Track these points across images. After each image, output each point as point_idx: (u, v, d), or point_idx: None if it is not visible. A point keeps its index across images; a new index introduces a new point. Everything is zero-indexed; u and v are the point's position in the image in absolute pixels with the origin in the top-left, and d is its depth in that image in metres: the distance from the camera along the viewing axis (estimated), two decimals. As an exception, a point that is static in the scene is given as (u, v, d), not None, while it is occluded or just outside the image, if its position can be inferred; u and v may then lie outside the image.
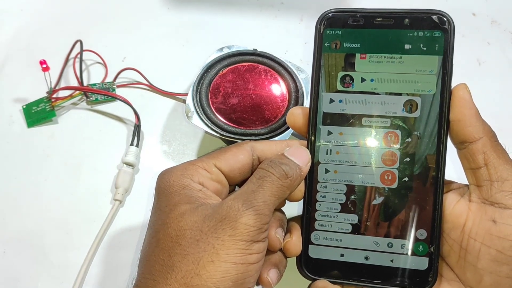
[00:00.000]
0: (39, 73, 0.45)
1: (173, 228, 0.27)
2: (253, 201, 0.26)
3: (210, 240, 0.25)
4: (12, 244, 0.41)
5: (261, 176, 0.28)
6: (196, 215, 0.26)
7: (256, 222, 0.26)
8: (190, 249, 0.26)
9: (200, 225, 0.26)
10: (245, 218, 0.26)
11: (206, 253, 0.25)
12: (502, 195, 0.27)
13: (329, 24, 0.30)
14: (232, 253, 0.25)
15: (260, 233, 0.26)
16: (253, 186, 0.28)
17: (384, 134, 0.30)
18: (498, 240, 0.26)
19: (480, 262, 0.27)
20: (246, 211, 0.26)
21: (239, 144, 0.31)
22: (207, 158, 0.30)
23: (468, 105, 0.28)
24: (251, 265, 0.26)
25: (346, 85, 0.30)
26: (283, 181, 0.28)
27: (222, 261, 0.25)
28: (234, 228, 0.25)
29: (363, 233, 0.30)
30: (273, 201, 0.27)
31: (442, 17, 0.29)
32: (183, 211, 0.27)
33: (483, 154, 0.27)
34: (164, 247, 0.26)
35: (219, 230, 0.26)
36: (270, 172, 0.28)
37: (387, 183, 0.30)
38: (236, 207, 0.26)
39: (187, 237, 0.26)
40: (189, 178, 0.28)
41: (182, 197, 0.28)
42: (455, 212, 0.29)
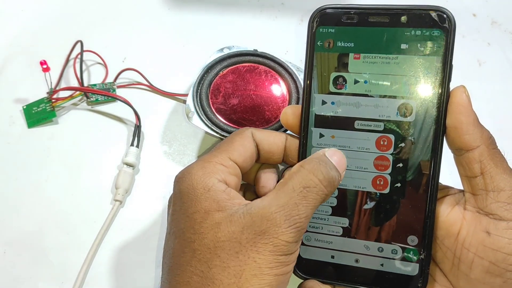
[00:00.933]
0: (39, 74, 0.45)
1: (210, 239, 0.26)
2: (295, 217, 0.26)
3: (250, 253, 0.25)
4: (13, 245, 0.41)
5: (306, 185, 0.26)
6: (233, 225, 0.26)
7: (296, 238, 0.26)
8: (230, 262, 0.25)
9: (238, 236, 0.26)
10: (287, 236, 0.25)
11: (248, 266, 0.25)
12: (497, 206, 0.26)
13: (322, 22, 0.29)
14: (274, 266, 0.25)
15: (296, 245, 0.27)
16: (297, 197, 0.26)
17: (377, 138, 0.29)
18: (492, 252, 0.26)
19: (473, 273, 0.27)
20: (288, 229, 0.25)
21: (240, 132, 0.31)
22: (219, 152, 0.29)
23: (465, 112, 0.27)
24: (288, 274, 0.27)
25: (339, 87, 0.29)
26: (328, 190, 0.27)
27: (265, 274, 0.25)
28: (275, 245, 0.25)
29: (353, 236, 0.30)
30: (313, 212, 0.27)
31: (442, 14, 0.27)
32: (218, 220, 0.26)
33: (480, 163, 0.27)
34: (202, 258, 0.26)
35: (259, 244, 0.25)
36: (319, 179, 0.27)
37: (379, 188, 0.29)
38: (278, 222, 0.25)
39: (226, 249, 0.26)
40: (212, 177, 0.28)
41: (210, 203, 0.27)
42: (449, 220, 0.28)
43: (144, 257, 0.40)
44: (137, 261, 0.40)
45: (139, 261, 0.40)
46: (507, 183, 0.26)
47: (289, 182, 0.27)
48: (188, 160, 0.44)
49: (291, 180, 0.27)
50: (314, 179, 0.27)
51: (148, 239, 0.41)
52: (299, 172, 0.27)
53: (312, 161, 0.28)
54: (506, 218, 0.26)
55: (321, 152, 0.28)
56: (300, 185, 0.26)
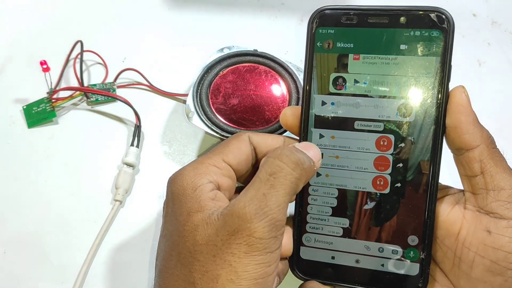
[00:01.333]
0: (39, 74, 0.45)
1: (190, 243, 0.26)
2: (265, 209, 0.24)
3: (225, 256, 0.24)
4: (13, 245, 0.41)
5: (272, 171, 0.25)
6: (209, 227, 0.25)
7: (271, 233, 0.25)
8: (208, 266, 0.25)
9: (213, 239, 0.25)
10: (260, 232, 0.24)
11: (224, 270, 0.24)
12: (498, 205, 0.26)
13: (322, 22, 0.29)
14: (251, 269, 0.24)
15: (276, 242, 0.25)
16: (264, 186, 0.25)
17: (377, 138, 0.29)
18: (492, 250, 0.26)
19: (474, 272, 0.27)
20: (260, 223, 0.24)
21: (237, 135, 0.30)
22: (213, 154, 0.29)
23: (465, 111, 0.27)
24: (270, 276, 0.25)
25: (339, 87, 0.29)
26: (297, 172, 0.26)
27: (242, 279, 0.24)
28: (249, 244, 0.24)
29: (354, 237, 0.30)
30: (287, 201, 0.26)
31: (441, 15, 0.27)
32: (196, 222, 0.26)
33: (480, 162, 0.27)
34: (184, 262, 0.26)
35: (233, 245, 0.24)
36: (284, 163, 0.26)
37: (379, 188, 0.29)
38: (248, 217, 0.24)
39: (204, 252, 0.25)
40: (203, 178, 0.27)
41: (193, 203, 0.26)
42: (449, 219, 0.28)
43: (144, 257, 0.40)
44: (137, 261, 0.40)
45: (139, 261, 0.40)
46: (507, 182, 0.26)
47: (257, 175, 0.26)
48: (188, 160, 0.44)
49: (259, 172, 0.26)
50: (279, 163, 0.26)
51: (148, 239, 0.41)
52: (265, 162, 0.26)
53: (277, 148, 0.27)
54: (506, 217, 0.26)
55: (290, 145, 0.28)
56: (266, 174, 0.26)
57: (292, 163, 0.26)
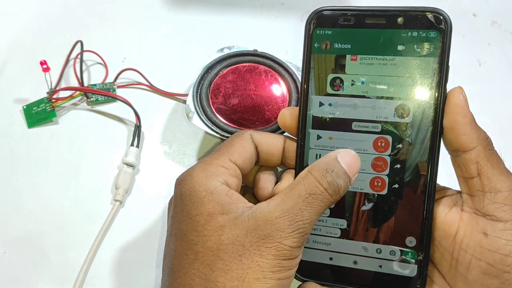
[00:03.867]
0: (39, 74, 0.45)
1: (213, 242, 0.26)
2: (299, 223, 0.26)
3: (254, 257, 0.25)
4: (13, 245, 0.41)
5: (312, 192, 0.26)
6: (238, 228, 0.26)
7: (299, 243, 0.26)
8: (233, 265, 0.25)
9: (242, 239, 0.26)
10: (290, 241, 0.25)
11: (251, 270, 0.25)
12: (495, 207, 0.26)
13: (319, 23, 0.29)
14: (277, 270, 0.25)
15: (299, 250, 0.27)
16: (302, 203, 0.26)
17: (374, 139, 0.29)
18: (489, 253, 0.26)
19: (471, 274, 0.27)
20: (291, 234, 0.25)
21: (240, 134, 0.31)
22: (219, 154, 0.29)
23: (462, 112, 0.27)
24: (290, 278, 0.27)
25: (336, 88, 0.29)
26: (334, 198, 0.27)
27: (268, 278, 0.25)
28: (279, 249, 0.25)
29: (352, 238, 0.30)
30: (317, 218, 0.27)
31: (438, 16, 0.27)
32: (222, 223, 0.26)
33: (477, 164, 0.27)
34: (204, 261, 0.26)
35: (262, 248, 0.25)
36: (324, 187, 0.26)
37: (377, 189, 0.29)
38: (282, 227, 0.25)
39: (229, 251, 0.26)
40: (214, 180, 0.28)
41: (214, 205, 0.27)
42: (447, 221, 0.28)
43: (144, 257, 0.40)
44: (137, 261, 0.40)
45: (139, 261, 0.40)
46: (504, 184, 0.26)
47: (295, 188, 0.27)
48: (188, 160, 0.44)
49: (297, 185, 0.27)
50: (320, 187, 0.26)
51: (148, 239, 0.41)
52: (306, 178, 0.27)
53: (320, 167, 0.27)
54: (503, 219, 0.26)
55: (333, 155, 0.28)
56: (306, 192, 0.26)
57: (332, 189, 0.27)
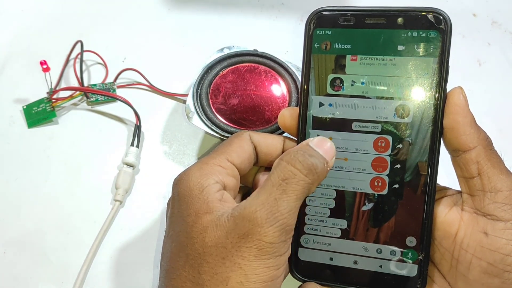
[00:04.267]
0: (39, 74, 0.45)
1: (199, 244, 0.26)
2: (276, 214, 0.25)
3: (235, 259, 0.25)
4: (13, 245, 0.41)
5: (284, 176, 0.25)
6: (219, 229, 0.25)
7: (281, 237, 0.25)
8: (217, 268, 0.25)
9: (223, 241, 0.25)
10: (270, 237, 0.24)
11: (234, 273, 0.24)
12: (495, 207, 0.26)
13: (319, 24, 0.29)
14: (261, 272, 0.25)
15: (284, 245, 0.25)
16: (276, 191, 0.25)
17: (374, 139, 0.29)
18: (490, 252, 0.26)
19: (471, 274, 0.27)
20: (270, 228, 0.24)
21: (238, 134, 0.31)
22: (217, 154, 0.29)
23: (462, 112, 0.27)
24: (278, 278, 0.26)
25: (336, 88, 0.29)
26: (310, 178, 0.26)
27: (251, 282, 0.24)
28: (260, 248, 0.24)
29: (352, 238, 0.30)
30: (298, 205, 0.26)
31: (438, 16, 0.27)
32: (205, 224, 0.26)
33: (477, 163, 0.27)
34: (193, 264, 0.26)
35: (243, 248, 0.25)
36: (297, 168, 0.25)
37: (377, 189, 0.29)
38: (259, 221, 0.24)
39: (213, 254, 0.25)
40: (209, 178, 0.27)
41: (201, 204, 0.27)
42: (447, 221, 0.28)
43: (144, 257, 0.40)
44: (137, 261, 0.40)
45: (139, 261, 0.40)
46: (504, 184, 0.26)
47: (269, 178, 0.26)
48: (188, 160, 0.44)
49: (270, 175, 0.26)
50: (292, 169, 0.25)
51: (148, 239, 0.41)
52: (278, 165, 0.26)
53: (290, 151, 0.26)
54: (503, 219, 0.26)
55: (304, 142, 0.27)
56: (279, 178, 0.25)
57: (305, 169, 0.26)
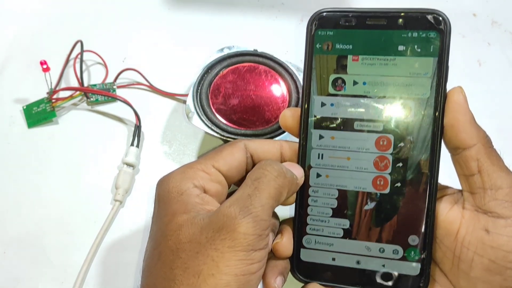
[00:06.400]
0: (39, 74, 0.45)
1: (173, 241, 0.26)
2: (249, 207, 0.25)
3: (209, 252, 0.25)
4: (13, 245, 0.41)
5: (257, 177, 0.27)
6: (194, 226, 0.26)
7: (255, 229, 0.25)
8: (190, 262, 0.25)
9: (198, 237, 0.25)
10: (244, 227, 0.25)
11: (206, 266, 0.25)
12: (496, 204, 0.26)
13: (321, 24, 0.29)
14: (233, 264, 0.25)
15: (260, 240, 0.26)
16: (249, 189, 0.26)
17: (376, 138, 0.29)
18: (491, 249, 0.26)
19: (473, 271, 0.27)
20: (244, 219, 0.25)
21: (233, 142, 0.31)
22: (204, 159, 0.30)
23: (462, 110, 0.27)
24: (253, 275, 0.26)
25: (338, 88, 0.29)
26: (280, 180, 0.27)
27: (223, 274, 0.24)
28: (233, 239, 0.25)
29: (354, 238, 0.30)
30: (271, 204, 0.26)
31: (438, 17, 0.28)
32: (181, 222, 0.26)
33: (477, 161, 0.27)
34: (165, 260, 0.26)
35: (217, 241, 0.25)
36: (267, 170, 0.27)
37: (379, 188, 0.29)
38: (233, 215, 0.25)
39: (187, 250, 0.25)
40: (189, 182, 0.28)
41: (179, 205, 0.27)
42: (448, 219, 0.28)
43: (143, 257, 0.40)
44: (137, 261, 0.40)
45: (139, 261, 0.40)
46: (504, 181, 0.26)
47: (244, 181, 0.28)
48: (188, 160, 0.44)
49: (245, 180, 0.28)
50: (263, 171, 0.27)
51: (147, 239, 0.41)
52: (251, 171, 0.28)
53: (262, 161, 0.29)
54: (504, 216, 0.26)
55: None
56: (251, 179, 0.27)
57: (275, 171, 0.27)
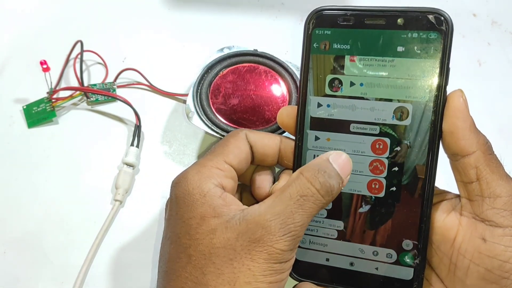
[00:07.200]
0: (39, 74, 0.45)
1: (205, 245, 0.26)
2: (291, 226, 0.25)
3: (244, 261, 0.25)
4: (13, 245, 0.41)
5: (303, 193, 0.26)
6: (229, 231, 0.26)
7: (291, 246, 0.26)
8: (224, 268, 0.25)
9: (233, 243, 0.25)
10: (282, 245, 0.25)
11: (242, 273, 0.25)
12: (493, 213, 0.26)
13: (318, 23, 0.29)
14: (268, 274, 0.25)
15: (292, 253, 0.26)
16: (293, 206, 0.26)
17: (372, 141, 0.29)
18: (487, 259, 0.26)
19: (469, 279, 0.26)
20: (283, 238, 0.25)
21: (234, 134, 0.30)
22: (214, 156, 0.29)
23: (462, 116, 0.26)
24: (283, 281, 0.26)
25: (335, 89, 0.29)
26: (326, 199, 0.27)
27: (259, 282, 0.25)
28: (269, 253, 0.25)
29: (348, 239, 0.29)
30: (310, 221, 0.26)
31: (439, 17, 0.27)
32: (213, 226, 0.26)
33: (476, 169, 0.26)
34: (196, 264, 0.26)
35: (253, 252, 0.25)
36: (316, 188, 0.26)
37: (374, 191, 0.29)
38: (273, 230, 0.25)
39: (221, 255, 0.25)
40: (209, 182, 0.28)
41: (206, 208, 0.27)
42: (445, 225, 0.28)
43: (144, 257, 0.40)
44: (137, 261, 0.40)
45: (139, 261, 0.40)
46: (503, 189, 0.26)
47: (286, 190, 0.26)
48: (188, 160, 0.44)
49: (289, 187, 0.27)
50: (312, 188, 0.26)
51: (148, 239, 0.41)
52: (297, 179, 0.27)
53: (311, 168, 0.27)
54: (502, 225, 0.26)
55: (325, 157, 0.28)
56: (297, 194, 0.26)
57: (324, 190, 0.26)
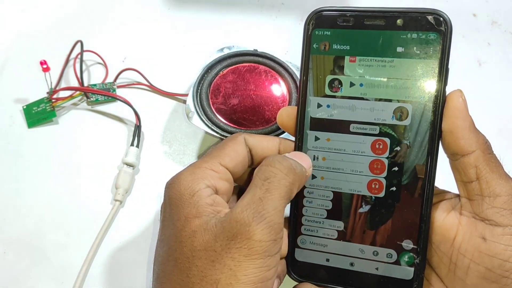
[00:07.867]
0: (39, 74, 0.45)
1: (188, 248, 0.26)
2: (262, 212, 0.25)
3: (225, 261, 0.25)
4: (12, 245, 0.41)
5: (266, 176, 0.26)
6: (207, 233, 0.26)
7: (270, 235, 0.25)
8: (206, 271, 0.25)
9: (212, 244, 0.25)
10: (259, 235, 0.25)
11: (224, 275, 0.24)
12: (493, 212, 0.26)
13: (318, 24, 0.29)
14: (251, 273, 0.25)
15: (275, 245, 0.26)
16: (259, 191, 0.26)
17: (372, 141, 0.29)
18: (488, 258, 0.26)
19: (469, 278, 0.26)
20: (258, 226, 0.25)
21: (233, 137, 0.30)
22: (210, 158, 0.29)
23: (461, 116, 0.27)
24: (269, 281, 0.26)
25: (335, 90, 0.29)
26: (291, 177, 0.26)
27: (241, 283, 0.24)
28: (249, 247, 0.25)
29: (348, 240, 0.29)
30: (283, 204, 0.26)
31: (439, 18, 0.27)
32: (194, 228, 0.26)
33: (475, 168, 0.26)
34: (182, 268, 0.26)
35: (233, 250, 0.25)
36: (276, 168, 0.26)
37: (374, 191, 0.29)
38: (247, 221, 0.25)
39: (202, 258, 0.25)
40: (201, 183, 0.28)
41: (191, 209, 0.27)
42: (445, 225, 0.28)
43: (144, 257, 0.40)
44: (137, 261, 0.40)
45: (139, 261, 0.40)
46: (503, 189, 0.26)
47: (252, 182, 0.27)
48: (188, 160, 0.44)
49: (253, 179, 0.27)
50: (272, 169, 0.26)
51: (148, 239, 0.41)
52: (259, 170, 0.27)
53: (269, 157, 0.28)
54: (502, 224, 0.26)
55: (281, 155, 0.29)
56: (260, 179, 0.26)
57: (285, 168, 0.27)
